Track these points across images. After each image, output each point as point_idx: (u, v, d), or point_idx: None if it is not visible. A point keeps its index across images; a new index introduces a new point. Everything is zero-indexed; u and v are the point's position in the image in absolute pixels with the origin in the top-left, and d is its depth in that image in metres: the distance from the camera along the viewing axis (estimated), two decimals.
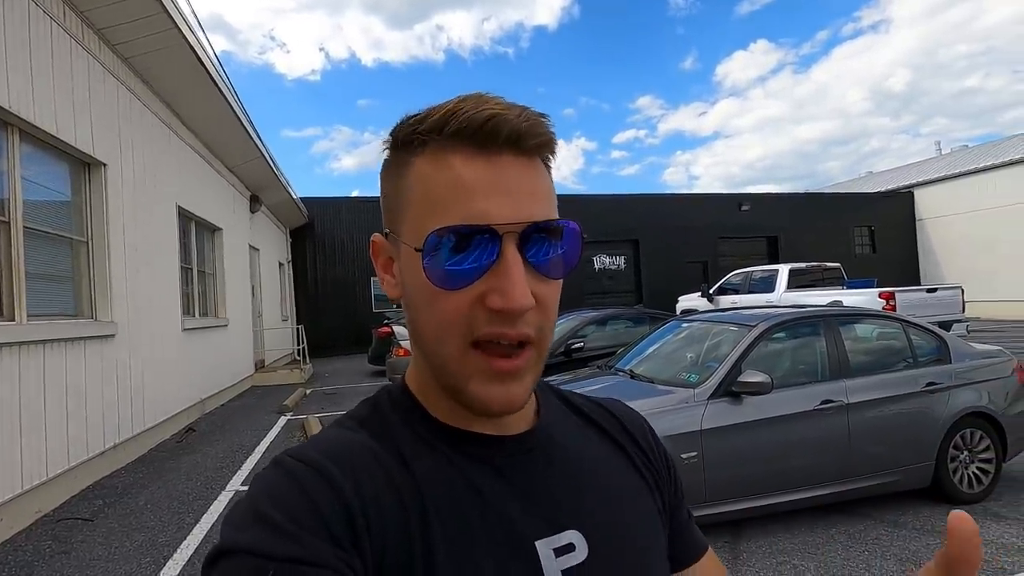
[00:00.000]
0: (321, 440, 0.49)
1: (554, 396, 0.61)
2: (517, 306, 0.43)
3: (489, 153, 0.45)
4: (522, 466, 0.51)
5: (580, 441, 0.57)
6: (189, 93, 6.90)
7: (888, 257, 20.89)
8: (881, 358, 3.92)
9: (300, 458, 0.45)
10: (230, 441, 6.23)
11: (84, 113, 4.90)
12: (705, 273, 18.48)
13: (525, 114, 0.46)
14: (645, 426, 0.65)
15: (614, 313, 7.49)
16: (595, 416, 0.61)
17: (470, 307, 0.44)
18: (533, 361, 0.47)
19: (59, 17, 4.59)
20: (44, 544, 3.58)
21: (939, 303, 8.66)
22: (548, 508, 0.50)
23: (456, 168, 0.45)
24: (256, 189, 11.40)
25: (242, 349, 10.34)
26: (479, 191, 0.44)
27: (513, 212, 0.44)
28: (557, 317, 0.50)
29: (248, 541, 0.39)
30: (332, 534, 0.41)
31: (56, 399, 4.29)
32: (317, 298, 16.81)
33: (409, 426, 0.51)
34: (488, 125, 0.44)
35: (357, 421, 0.52)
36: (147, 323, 5.96)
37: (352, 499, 0.43)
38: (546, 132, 0.47)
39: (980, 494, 3.74)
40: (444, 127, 0.45)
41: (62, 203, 4.90)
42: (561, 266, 0.47)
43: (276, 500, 0.42)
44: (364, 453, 0.47)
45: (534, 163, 0.47)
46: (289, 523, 0.40)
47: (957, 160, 21.34)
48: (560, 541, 0.48)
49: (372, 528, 0.43)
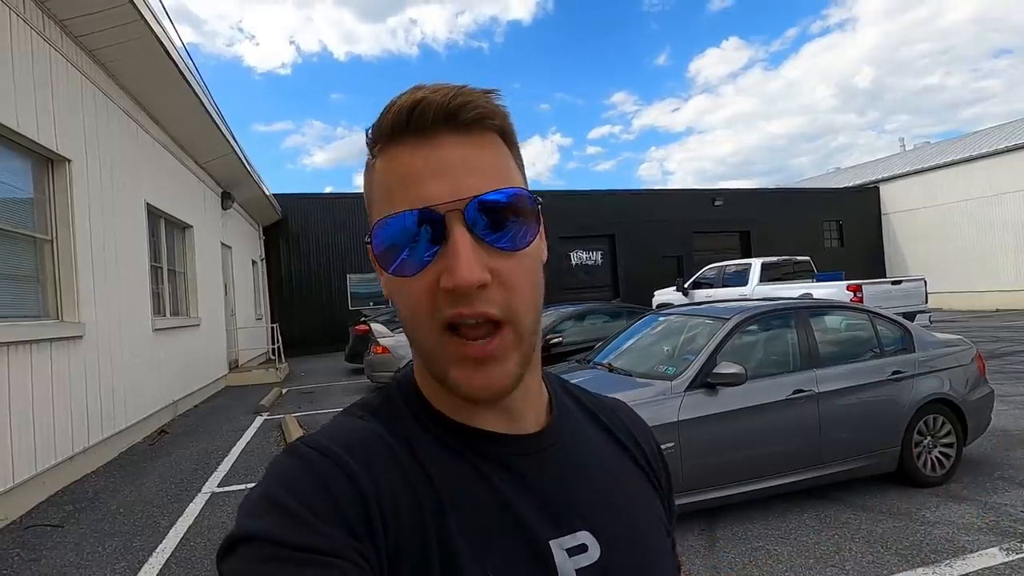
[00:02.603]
0: (335, 429, 0.49)
1: (566, 394, 0.61)
2: (464, 282, 0.42)
3: (426, 137, 0.45)
4: (535, 466, 0.51)
5: (592, 441, 0.58)
6: (156, 87, 6.71)
7: (856, 250, 21.48)
8: (849, 348, 4.05)
9: (315, 446, 0.45)
10: (205, 443, 6.11)
11: (46, 108, 4.73)
12: (680, 267, 18.75)
13: (456, 91, 0.46)
14: (648, 432, 0.65)
15: (591, 308, 7.56)
16: (603, 416, 0.62)
17: (429, 292, 0.44)
18: (511, 343, 0.46)
19: (19, 8, 4.41)
20: (12, 552, 3.47)
21: (904, 294, 8.95)
22: (561, 508, 0.50)
23: (400, 159, 0.46)
24: (228, 185, 11.15)
25: (215, 349, 10.14)
26: (421, 176, 0.45)
27: (453, 190, 0.44)
28: (541, 290, 0.49)
29: (265, 528, 0.39)
30: (347, 523, 0.41)
31: (21, 403, 4.16)
32: (292, 296, 16.55)
33: (419, 420, 0.51)
34: (417, 109, 0.45)
35: (369, 410, 0.52)
36: (116, 324, 5.80)
37: (368, 489, 0.43)
38: (482, 105, 0.46)
39: (942, 477, 3.89)
40: (383, 124, 0.47)
41: (24, 200, 4.73)
42: (522, 236, 0.46)
43: (292, 488, 0.42)
44: (378, 443, 0.47)
45: (481, 138, 0.47)
46: (305, 511, 0.40)
47: (920, 156, 22.02)
48: (573, 541, 0.48)
49: (387, 518, 0.43)
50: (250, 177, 11.33)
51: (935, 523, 3.34)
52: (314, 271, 16.72)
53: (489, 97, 0.47)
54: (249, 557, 0.38)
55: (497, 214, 0.45)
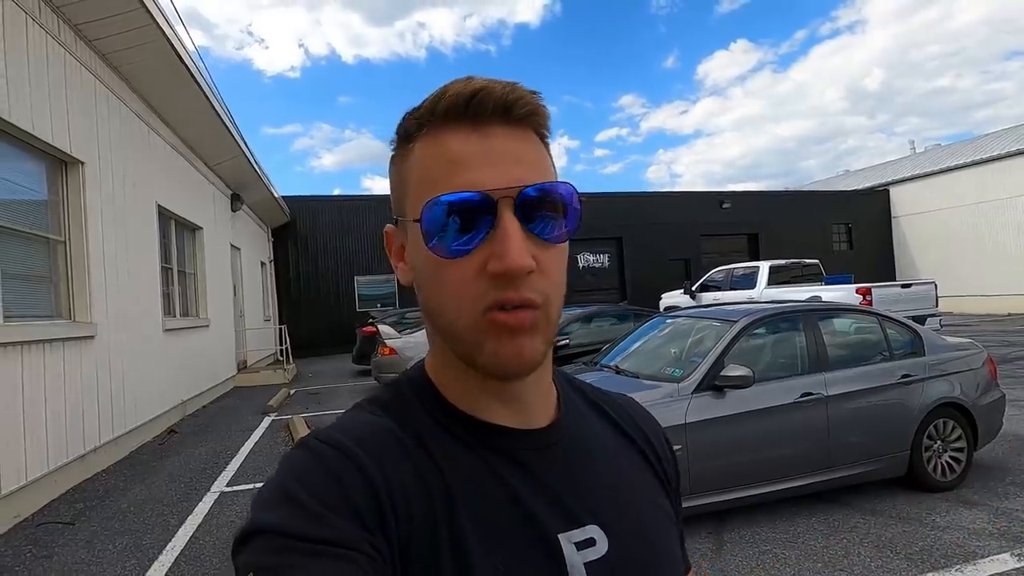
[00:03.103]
0: (346, 423, 0.50)
1: (573, 389, 0.61)
2: (516, 266, 0.43)
3: (479, 126, 0.46)
4: (544, 460, 0.51)
5: (599, 436, 0.58)
6: (169, 90, 6.80)
7: (865, 253, 21.32)
8: (858, 351, 4.02)
9: (327, 440, 0.46)
10: (214, 442, 6.16)
11: (61, 111, 4.80)
12: (688, 270, 18.69)
13: (512, 86, 0.47)
14: (659, 430, 0.65)
15: (599, 310, 7.56)
16: (611, 411, 0.62)
17: (475, 277, 0.45)
18: (542, 325, 0.47)
19: (35, 13, 4.49)
20: (24, 549, 3.51)
21: (914, 298, 8.89)
22: (570, 502, 0.50)
23: (449, 144, 0.47)
24: (237, 188, 11.25)
25: (224, 349, 10.21)
26: (472, 163, 0.45)
27: (505, 179, 0.45)
28: (564, 286, 0.50)
29: (278, 521, 0.40)
30: (359, 516, 0.41)
31: (34, 402, 4.21)
32: (300, 298, 16.64)
33: (429, 413, 0.51)
34: (476, 98, 0.46)
35: (379, 405, 0.52)
36: (127, 324, 5.86)
37: (379, 482, 0.43)
38: (533, 102, 0.48)
39: (952, 482, 3.86)
40: (436, 107, 0.47)
41: (38, 202, 4.80)
42: (560, 229, 0.48)
43: (304, 481, 0.42)
44: (388, 437, 0.48)
45: (526, 134, 0.48)
46: (318, 504, 0.40)
47: (930, 158, 21.85)
48: (582, 535, 0.49)
49: (398, 511, 0.43)
50: (259, 179, 11.42)
51: (945, 528, 3.31)
52: (322, 273, 16.80)
53: (538, 96, 0.49)
54: (263, 549, 0.39)
55: (544, 205, 0.46)
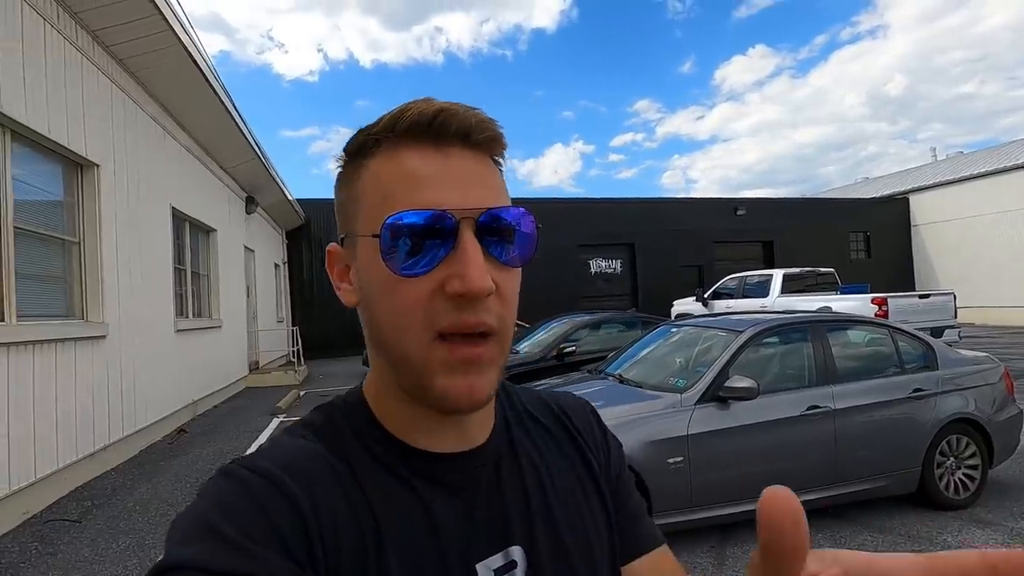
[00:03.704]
0: (274, 449, 0.47)
1: (507, 400, 0.60)
2: (476, 287, 0.42)
3: (440, 146, 0.46)
4: (472, 483, 0.50)
5: (528, 448, 0.57)
6: (183, 94, 6.90)
7: (883, 262, 20.96)
8: (868, 364, 3.94)
9: (252, 468, 0.43)
10: (222, 443, 6.22)
11: (77, 114, 4.90)
12: (700, 277, 18.52)
13: (474, 112, 0.47)
14: (589, 413, 0.64)
15: (607, 317, 7.52)
16: (541, 416, 0.60)
17: (430, 297, 0.44)
18: (496, 353, 0.46)
19: (53, 19, 4.59)
20: (30, 545, 3.56)
21: (932, 309, 8.70)
22: (494, 526, 0.49)
23: (409, 161, 0.46)
24: (252, 190, 11.39)
25: (236, 350, 10.32)
26: (433, 181, 0.45)
27: (467, 200, 0.45)
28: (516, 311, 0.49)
29: (198, 556, 0.37)
30: (287, 547, 0.39)
31: (45, 400, 4.28)
32: (312, 300, 16.78)
33: (361, 440, 0.49)
34: (439, 118, 0.45)
35: (311, 430, 0.50)
36: (139, 324, 5.95)
37: (307, 511, 0.41)
38: (494, 129, 0.48)
39: (966, 500, 3.75)
40: (396, 125, 0.46)
41: (54, 204, 4.90)
42: (518, 253, 0.47)
43: (227, 512, 0.39)
44: (319, 463, 0.46)
45: (484, 158, 0.48)
46: (241, 536, 0.38)
47: (953, 166, 21.45)
48: (502, 560, 0.48)
49: (327, 542, 0.41)
50: (273, 182, 11.55)
51: (957, 548, 3.20)
52: None
53: (497, 125, 0.49)
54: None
55: (504, 228, 0.46)
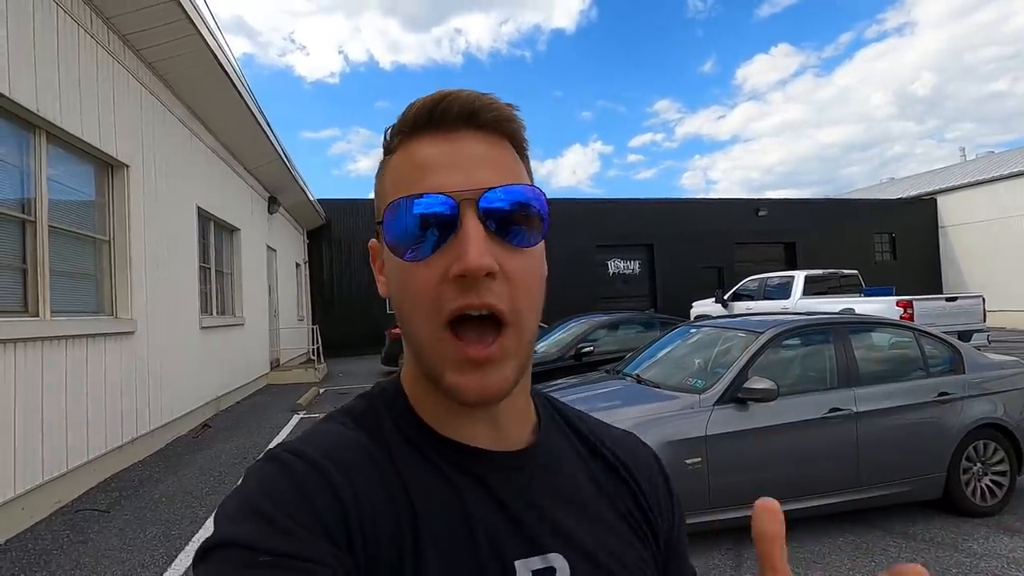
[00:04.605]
0: (316, 436, 0.48)
1: (559, 416, 0.59)
2: (474, 265, 0.42)
3: (447, 132, 0.47)
4: (514, 484, 0.50)
5: (578, 467, 0.55)
6: (210, 96, 7.06)
7: (909, 265, 20.51)
8: (892, 367, 3.87)
9: (296, 453, 0.45)
10: (244, 438, 6.34)
11: (108, 116, 5.04)
12: (720, 278, 18.32)
13: (478, 94, 0.48)
14: (654, 464, 0.62)
15: (625, 317, 7.49)
16: (600, 446, 0.59)
17: (438, 282, 0.44)
18: (512, 348, 0.46)
19: (86, 23, 4.73)
20: (62, 534, 3.69)
21: (959, 312, 8.49)
22: (535, 529, 0.48)
23: (418, 151, 0.47)
24: (274, 190, 11.59)
25: (258, 348, 10.50)
26: (437, 166, 0.46)
27: (469, 181, 0.45)
28: (543, 295, 0.49)
29: (243, 534, 0.39)
30: (327, 531, 0.40)
31: (76, 393, 4.42)
32: (333, 299, 17.01)
33: (400, 429, 0.50)
34: (440, 105, 0.47)
35: (352, 417, 0.51)
36: (166, 321, 6.10)
37: (347, 498, 0.43)
38: (501, 108, 0.48)
39: (993, 507, 3.67)
40: (406, 119, 0.49)
41: (86, 203, 5.05)
42: (528, 233, 0.47)
43: (272, 495, 0.41)
44: (359, 452, 0.47)
45: (496, 139, 0.48)
46: (285, 518, 0.39)
47: (982, 166, 20.87)
48: (542, 563, 0.47)
49: (366, 531, 0.42)
50: (295, 182, 11.73)
51: (983, 555, 3.15)
52: (355, 275, 17.12)
53: (509, 106, 0.49)
54: (226, 562, 0.38)
55: (508, 208, 0.46)
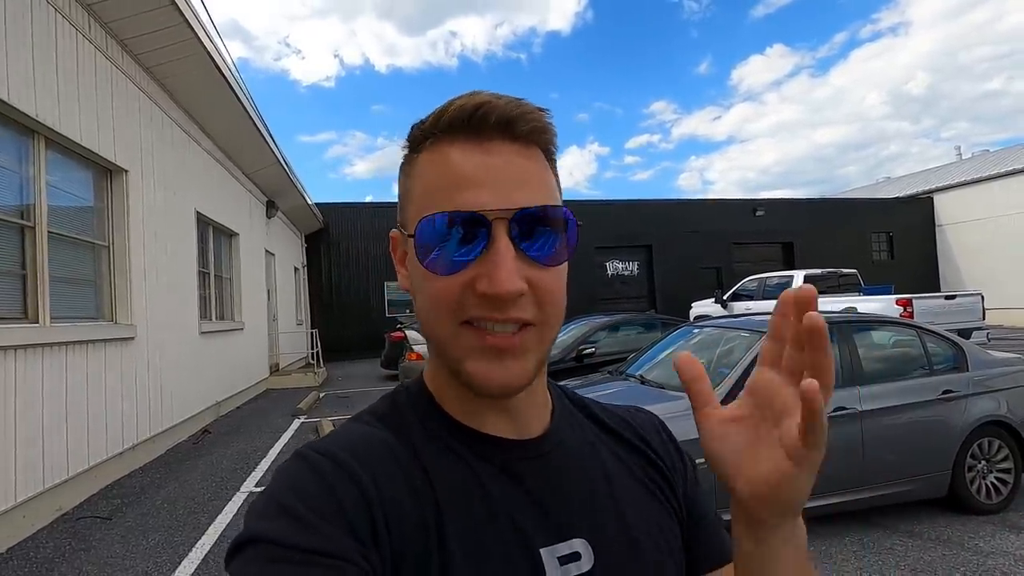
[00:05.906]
0: (342, 435, 0.50)
1: (569, 402, 0.61)
2: (503, 290, 0.43)
3: (482, 140, 0.46)
4: (535, 471, 0.51)
5: (594, 449, 0.57)
6: (208, 101, 7.05)
7: (907, 263, 20.56)
8: (895, 365, 3.87)
9: (323, 452, 0.46)
10: (245, 443, 6.31)
11: (107, 121, 5.03)
12: (719, 279, 18.34)
13: (516, 102, 0.47)
14: (658, 425, 0.64)
15: (625, 319, 7.48)
16: (612, 424, 0.61)
17: (460, 290, 0.45)
18: (533, 343, 0.47)
19: (84, 28, 4.72)
20: (64, 542, 3.66)
21: (958, 310, 8.51)
22: (558, 515, 0.50)
23: (450, 158, 0.47)
24: (272, 195, 11.57)
25: (257, 352, 10.47)
26: (471, 179, 0.45)
27: (503, 199, 0.45)
28: (565, 302, 0.50)
29: (272, 531, 0.40)
30: (353, 528, 0.42)
31: (77, 400, 4.39)
32: (331, 302, 16.98)
33: (424, 424, 0.51)
34: (479, 112, 0.46)
35: (376, 417, 0.53)
36: (165, 326, 6.07)
37: (373, 495, 0.44)
38: (538, 119, 0.48)
39: (998, 505, 3.67)
40: (440, 120, 0.48)
41: (85, 208, 5.02)
42: (556, 253, 0.47)
43: (300, 492, 0.43)
44: (384, 450, 0.48)
45: (529, 151, 0.48)
46: (312, 515, 0.41)
47: (978, 165, 20.97)
48: (567, 549, 0.48)
49: (391, 526, 0.44)
50: (294, 187, 11.72)
51: (989, 553, 3.14)
52: (353, 278, 17.11)
53: (544, 114, 0.49)
54: (256, 558, 0.39)
55: (540, 228, 0.46)
